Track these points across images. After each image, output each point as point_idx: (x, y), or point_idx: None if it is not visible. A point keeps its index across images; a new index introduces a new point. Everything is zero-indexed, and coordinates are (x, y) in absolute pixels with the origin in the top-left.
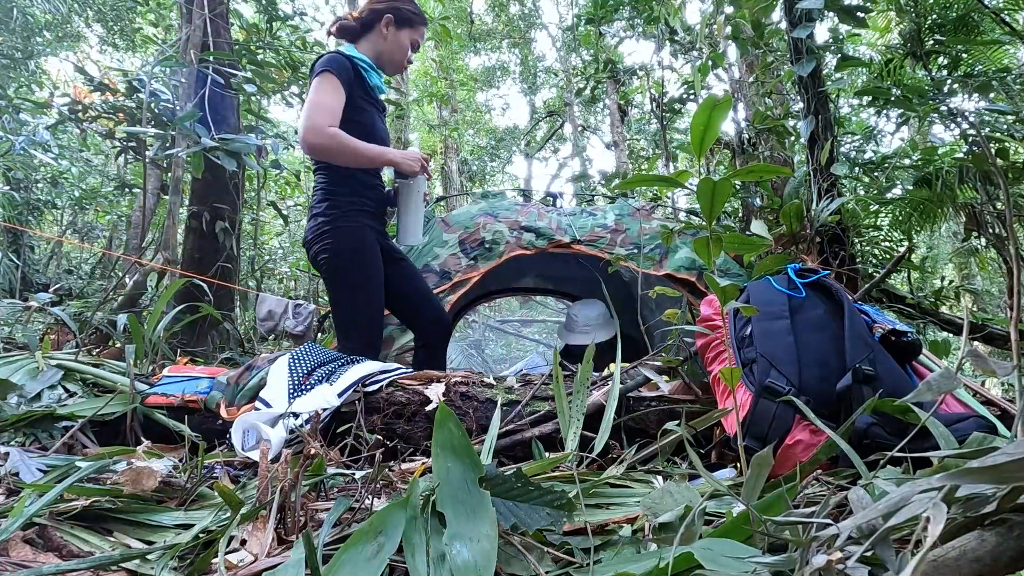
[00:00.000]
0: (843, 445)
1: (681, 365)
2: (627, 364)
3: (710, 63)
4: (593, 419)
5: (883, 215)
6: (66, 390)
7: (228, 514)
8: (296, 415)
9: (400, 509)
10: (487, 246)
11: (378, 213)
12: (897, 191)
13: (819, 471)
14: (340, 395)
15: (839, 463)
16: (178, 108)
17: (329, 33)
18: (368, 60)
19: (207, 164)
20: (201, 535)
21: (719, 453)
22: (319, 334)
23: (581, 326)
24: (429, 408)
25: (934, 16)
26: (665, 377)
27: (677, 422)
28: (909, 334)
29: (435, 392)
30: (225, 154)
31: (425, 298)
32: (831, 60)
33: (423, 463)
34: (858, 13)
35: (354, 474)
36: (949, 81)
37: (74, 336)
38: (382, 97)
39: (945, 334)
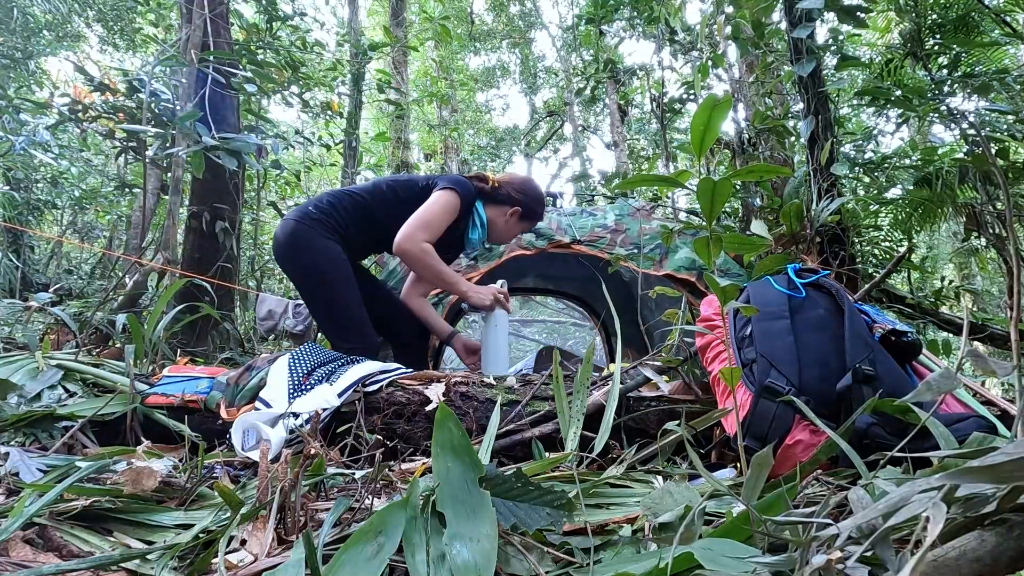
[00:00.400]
0: (843, 445)
1: (681, 365)
2: (627, 364)
3: (710, 63)
4: (593, 419)
5: (883, 215)
6: (66, 390)
7: (228, 514)
8: (296, 415)
9: (400, 509)
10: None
11: (358, 243)
12: (897, 191)
13: (819, 471)
14: (340, 395)
15: (839, 463)
16: (178, 108)
17: (470, 177)
18: (484, 220)
19: (207, 164)
20: (201, 535)
21: (719, 453)
22: (319, 334)
23: None
24: (429, 408)
25: (934, 16)
26: (665, 377)
27: (677, 422)
28: (909, 334)
29: (435, 392)
30: (225, 153)
31: (399, 302)
32: (831, 60)
33: (423, 463)
34: (858, 13)
35: (354, 474)
36: (949, 81)
37: (74, 336)
38: (469, 252)
39: (945, 334)
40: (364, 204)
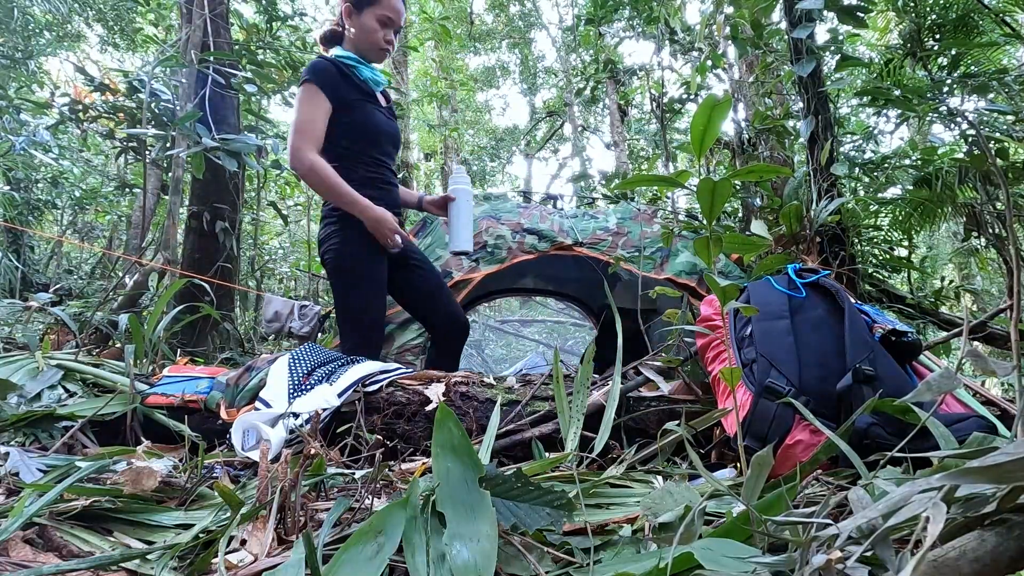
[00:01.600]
0: (842, 445)
1: (681, 365)
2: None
3: (708, 63)
4: (593, 419)
5: (883, 215)
6: (66, 390)
7: (228, 514)
8: (296, 415)
9: (400, 509)
10: (489, 249)
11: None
12: (897, 191)
13: (819, 471)
14: (340, 395)
15: (839, 463)
16: (178, 108)
17: (318, 42)
18: (352, 56)
19: (207, 164)
20: (201, 535)
21: (719, 453)
22: (320, 334)
23: None
24: (429, 408)
25: (934, 16)
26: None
27: (677, 422)
28: (909, 334)
29: (435, 392)
30: (225, 154)
31: (443, 298)
32: (831, 60)
33: (423, 463)
34: (858, 13)
35: (354, 474)
36: (948, 81)
37: (74, 336)
38: (380, 90)
39: (945, 334)
40: (344, 170)
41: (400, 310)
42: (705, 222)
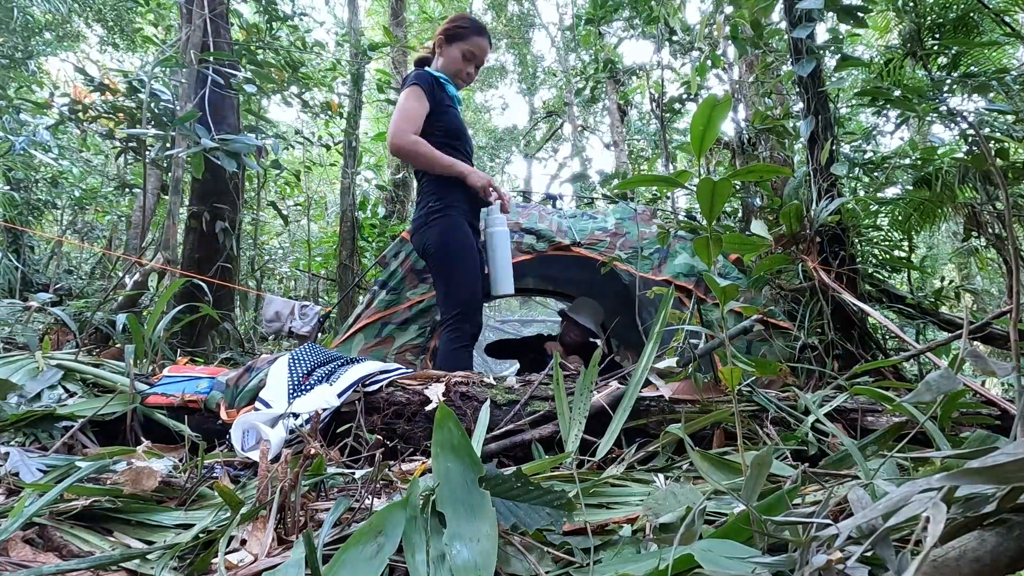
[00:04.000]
0: None
1: (684, 367)
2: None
3: (708, 63)
4: (592, 420)
5: (883, 215)
6: (66, 390)
7: (228, 514)
8: (296, 415)
9: (400, 509)
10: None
11: (473, 209)
12: (897, 191)
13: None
14: (340, 395)
15: None
16: (178, 108)
17: (417, 65)
18: (444, 76)
19: (207, 164)
20: (201, 535)
21: (720, 441)
22: (320, 334)
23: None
24: (429, 408)
25: (934, 16)
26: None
27: (678, 424)
28: None
29: (435, 392)
30: (225, 154)
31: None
32: (831, 60)
33: (423, 463)
34: (858, 13)
35: (354, 474)
36: (949, 81)
37: (74, 336)
38: (460, 107)
39: (945, 334)
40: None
41: (398, 311)
42: (705, 222)
